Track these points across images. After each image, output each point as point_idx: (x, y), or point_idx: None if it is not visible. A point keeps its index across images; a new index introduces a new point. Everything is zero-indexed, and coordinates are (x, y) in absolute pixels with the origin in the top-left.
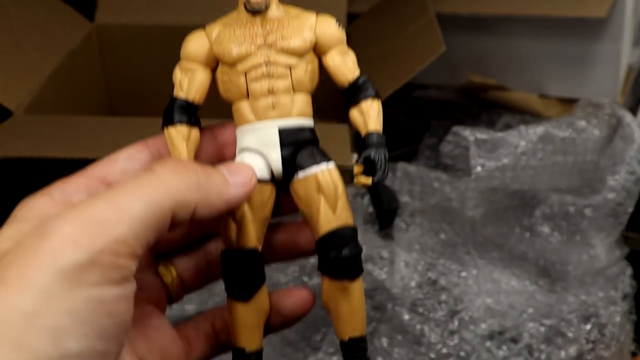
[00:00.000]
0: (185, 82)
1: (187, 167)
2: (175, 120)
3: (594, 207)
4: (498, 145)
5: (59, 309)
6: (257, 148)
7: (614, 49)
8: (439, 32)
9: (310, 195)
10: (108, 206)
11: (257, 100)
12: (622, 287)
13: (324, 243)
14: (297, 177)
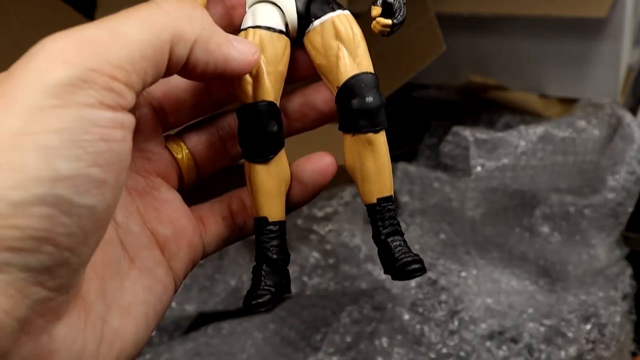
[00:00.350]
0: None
1: (193, 4)
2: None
3: (594, 207)
4: (498, 145)
5: (47, 127)
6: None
7: (614, 49)
8: (439, 32)
9: (328, 43)
10: (103, 28)
11: None
12: (622, 287)
13: (345, 92)
14: (312, 27)
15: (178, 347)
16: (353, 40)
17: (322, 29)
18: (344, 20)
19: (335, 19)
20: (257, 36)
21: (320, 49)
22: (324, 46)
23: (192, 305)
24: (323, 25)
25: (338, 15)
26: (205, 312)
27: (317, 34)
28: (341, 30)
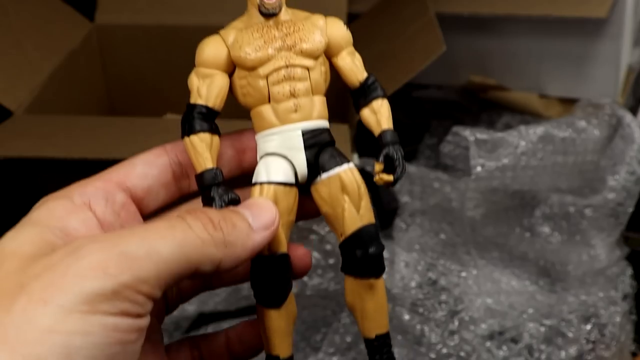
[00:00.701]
0: (204, 88)
1: (215, 223)
2: (197, 129)
3: (594, 207)
4: (498, 146)
5: (73, 329)
6: (282, 152)
7: (614, 49)
8: (439, 32)
9: (334, 195)
10: (140, 243)
11: (279, 103)
12: (622, 287)
13: (350, 242)
14: (320, 179)
15: None
16: (358, 193)
17: (330, 181)
18: (350, 175)
19: (342, 174)
20: (271, 191)
21: (327, 200)
22: (331, 197)
23: (192, 305)
24: (330, 178)
25: (344, 170)
26: (205, 312)
27: (324, 186)
28: (347, 184)
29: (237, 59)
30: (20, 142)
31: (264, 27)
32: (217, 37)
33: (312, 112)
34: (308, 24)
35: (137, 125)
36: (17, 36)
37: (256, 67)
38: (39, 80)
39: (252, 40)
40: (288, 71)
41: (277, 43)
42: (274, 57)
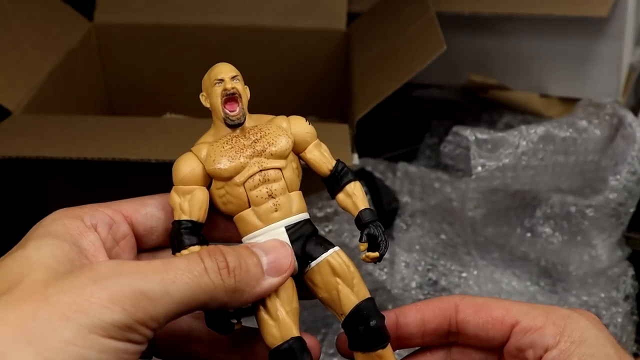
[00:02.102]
0: (186, 204)
1: (230, 269)
2: (186, 244)
3: (595, 207)
4: (499, 145)
5: (91, 346)
6: None
7: (616, 49)
8: (439, 31)
9: (327, 280)
10: (158, 283)
11: (260, 206)
12: (623, 287)
13: (351, 320)
14: (310, 267)
15: None
16: (348, 273)
17: (320, 268)
18: (338, 258)
19: (329, 259)
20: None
21: (320, 285)
22: (324, 282)
23: None
24: (320, 265)
25: (332, 255)
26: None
27: (315, 273)
28: (337, 267)
29: (212, 172)
30: (19, 141)
31: (232, 137)
32: (190, 155)
33: (291, 208)
34: (273, 127)
35: (136, 124)
36: (16, 35)
37: (232, 177)
38: (37, 79)
39: (224, 152)
40: (262, 175)
41: (248, 151)
42: (247, 164)
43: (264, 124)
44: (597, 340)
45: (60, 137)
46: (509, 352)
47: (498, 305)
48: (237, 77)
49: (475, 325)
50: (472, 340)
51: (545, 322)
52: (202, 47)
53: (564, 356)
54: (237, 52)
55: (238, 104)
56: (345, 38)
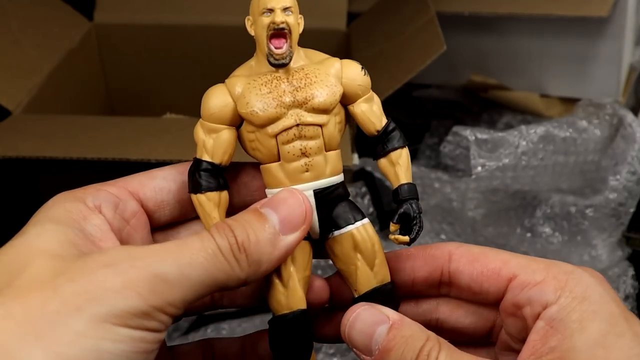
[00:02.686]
0: (210, 144)
1: (240, 245)
2: (204, 188)
3: (595, 207)
4: (498, 145)
5: (105, 337)
6: None
7: (616, 49)
8: (439, 31)
9: (347, 253)
10: (173, 265)
11: (290, 163)
12: (624, 288)
13: (364, 301)
14: (332, 235)
15: None
16: (371, 251)
17: (342, 239)
18: (363, 233)
19: (354, 232)
20: None
21: (340, 257)
22: (344, 255)
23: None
24: (343, 236)
25: (357, 228)
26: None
27: (337, 243)
28: (360, 242)
29: (244, 115)
30: (19, 141)
31: (273, 78)
32: (223, 88)
33: (324, 170)
34: (322, 72)
35: (136, 124)
36: (15, 35)
37: (265, 125)
38: (37, 79)
39: (260, 96)
40: (299, 130)
41: (287, 98)
42: (283, 115)
43: (313, 65)
44: (601, 298)
45: (60, 137)
46: (505, 309)
47: (496, 257)
48: (291, 8)
49: (469, 276)
50: (465, 293)
51: (545, 277)
52: (202, 47)
53: (564, 312)
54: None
55: (286, 41)
56: (345, 38)
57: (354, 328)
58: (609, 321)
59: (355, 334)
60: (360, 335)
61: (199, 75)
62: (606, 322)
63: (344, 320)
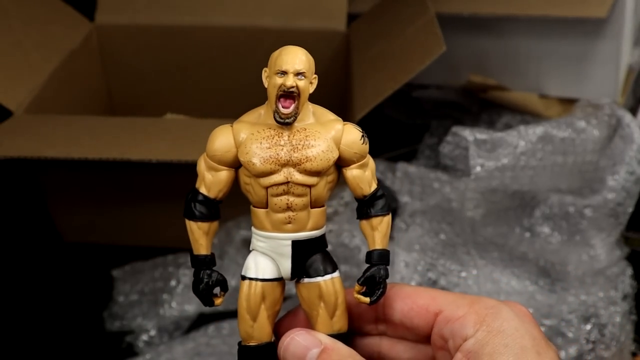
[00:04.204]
0: (209, 179)
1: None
2: (197, 217)
3: (593, 207)
4: (497, 145)
5: None
6: (269, 253)
7: (614, 49)
8: (439, 32)
9: (312, 299)
10: None
11: (276, 213)
12: (622, 287)
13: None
14: (302, 281)
15: (178, 347)
16: (334, 303)
17: (310, 286)
18: (330, 286)
19: (321, 284)
20: (259, 288)
21: (306, 300)
22: (309, 300)
23: (192, 305)
24: (311, 284)
25: (325, 281)
26: (205, 312)
27: (305, 289)
28: (325, 294)
29: (243, 162)
30: (21, 142)
31: (275, 134)
32: (229, 133)
33: (306, 225)
34: (322, 135)
35: (137, 125)
36: (17, 36)
37: (259, 177)
38: (39, 80)
39: (259, 149)
40: (288, 186)
41: (284, 156)
42: (277, 171)
43: (316, 126)
44: (516, 332)
45: (62, 137)
46: (434, 342)
47: (425, 294)
48: (305, 73)
49: (401, 312)
50: (399, 329)
51: (467, 312)
52: (203, 47)
53: (479, 345)
54: (238, 53)
55: (294, 102)
56: (345, 39)
57: (288, 351)
58: (518, 354)
59: (288, 356)
60: (293, 357)
61: (199, 76)
62: (514, 356)
63: (280, 343)
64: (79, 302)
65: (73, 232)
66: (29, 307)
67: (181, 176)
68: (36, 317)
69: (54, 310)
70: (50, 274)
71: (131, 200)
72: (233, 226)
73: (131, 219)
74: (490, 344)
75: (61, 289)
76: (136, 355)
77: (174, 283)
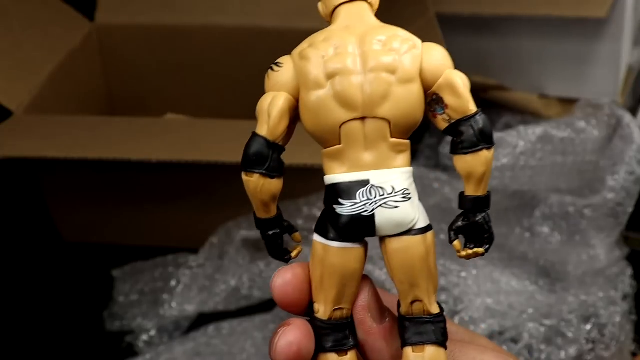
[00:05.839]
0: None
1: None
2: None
3: (593, 207)
4: (497, 145)
5: None
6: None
7: (614, 49)
8: (439, 32)
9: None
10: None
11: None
12: (622, 287)
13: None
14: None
15: (178, 347)
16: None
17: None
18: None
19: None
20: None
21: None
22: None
23: (192, 305)
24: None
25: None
26: (205, 312)
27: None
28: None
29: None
30: (20, 142)
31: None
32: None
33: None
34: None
35: (137, 125)
36: (17, 36)
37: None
38: (39, 80)
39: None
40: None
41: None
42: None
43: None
44: None
45: (62, 138)
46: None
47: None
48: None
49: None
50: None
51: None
52: (203, 47)
53: None
54: (238, 53)
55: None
56: None
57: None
58: None
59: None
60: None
61: (200, 76)
62: None
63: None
64: (79, 302)
65: (73, 232)
66: (29, 307)
67: (181, 176)
68: (36, 317)
69: (54, 310)
70: (50, 274)
71: (131, 200)
72: (233, 226)
73: (131, 218)
74: None
75: (61, 289)
76: (136, 355)
77: (174, 283)
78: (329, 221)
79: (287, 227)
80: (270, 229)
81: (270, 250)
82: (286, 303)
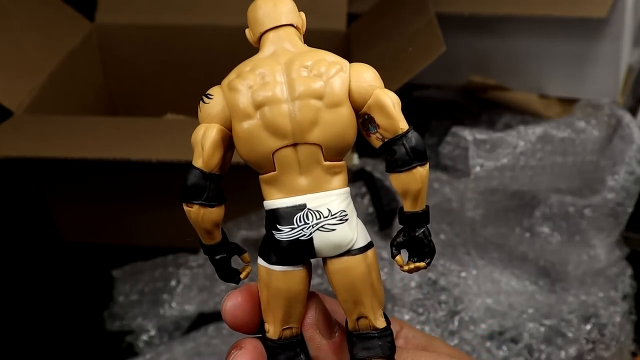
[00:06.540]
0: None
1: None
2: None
3: (593, 207)
4: (497, 145)
5: None
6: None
7: (614, 49)
8: (439, 32)
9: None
10: None
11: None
12: (622, 287)
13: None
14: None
15: (178, 347)
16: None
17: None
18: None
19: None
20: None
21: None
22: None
23: (192, 305)
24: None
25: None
26: (205, 312)
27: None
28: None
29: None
30: (21, 142)
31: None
32: None
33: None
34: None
35: (137, 125)
36: (17, 36)
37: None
38: (39, 80)
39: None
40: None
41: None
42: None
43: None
44: None
45: (62, 138)
46: None
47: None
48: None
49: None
50: None
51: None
52: (204, 47)
53: None
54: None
55: None
56: (345, 39)
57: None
58: None
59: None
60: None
61: (200, 76)
62: None
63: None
64: (79, 302)
65: (73, 232)
66: (29, 307)
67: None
68: (36, 317)
69: (54, 310)
70: (50, 273)
71: (131, 200)
72: (233, 226)
73: (131, 219)
74: None
75: (61, 289)
76: (136, 355)
77: (174, 283)
78: (269, 246)
79: (235, 249)
80: (217, 253)
81: (220, 274)
82: (237, 325)
